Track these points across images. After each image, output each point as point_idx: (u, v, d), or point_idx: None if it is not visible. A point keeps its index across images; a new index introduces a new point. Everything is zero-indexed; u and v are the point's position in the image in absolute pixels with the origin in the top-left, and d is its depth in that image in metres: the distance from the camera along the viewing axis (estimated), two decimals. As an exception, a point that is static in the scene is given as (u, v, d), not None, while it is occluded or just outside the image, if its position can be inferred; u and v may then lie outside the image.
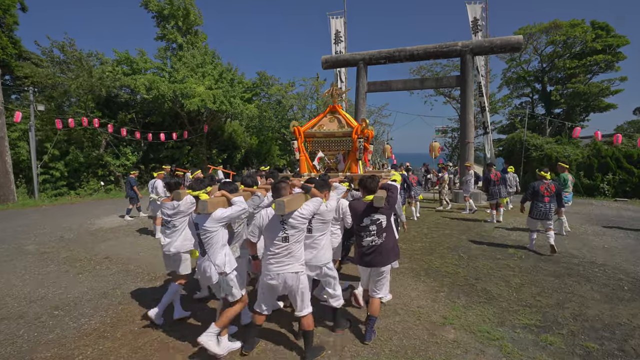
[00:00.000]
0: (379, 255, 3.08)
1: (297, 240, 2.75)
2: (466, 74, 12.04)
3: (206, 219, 2.72)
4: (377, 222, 3.07)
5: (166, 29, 18.21)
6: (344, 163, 6.59)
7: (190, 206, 3.37)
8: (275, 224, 2.72)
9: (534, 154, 14.46)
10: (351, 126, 6.40)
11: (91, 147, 16.48)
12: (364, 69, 13.38)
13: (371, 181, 3.13)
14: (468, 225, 8.29)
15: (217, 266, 2.72)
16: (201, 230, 2.74)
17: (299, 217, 2.69)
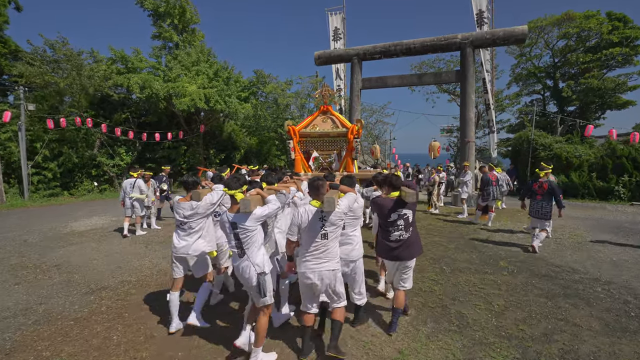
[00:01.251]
0: (406, 249, 3.22)
1: (335, 237, 2.80)
2: (466, 68, 11.24)
3: (245, 218, 2.66)
4: (405, 216, 3.20)
5: (162, 27, 17.96)
6: (338, 163, 6.55)
7: (209, 207, 3.30)
8: (315, 221, 2.74)
9: (542, 153, 13.48)
10: (345, 126, 6.41)
11: (85, 147, 16.34)
12: (359, 65, 12.73)
13: (396, 179, 3.28)
14: (461, 232, 7.56)
15: (256, 266, 2.69)
16: (240, 230, 2.68)
17: (338, 213, 2.73)
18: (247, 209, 2.61)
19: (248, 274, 2.68)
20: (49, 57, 14.06)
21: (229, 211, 2.79)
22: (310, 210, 2.75)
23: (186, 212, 3.28)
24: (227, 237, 2.78)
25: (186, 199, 3.37)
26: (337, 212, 2.71)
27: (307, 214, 2.75)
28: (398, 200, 3.18)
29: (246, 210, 2.62)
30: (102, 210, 11.50)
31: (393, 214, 3.19)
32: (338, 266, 2.83)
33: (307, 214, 2.75)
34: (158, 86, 15.31)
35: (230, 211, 2.78)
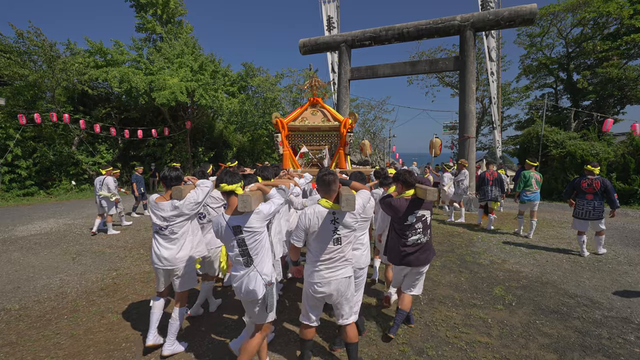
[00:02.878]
0: (422, 254, 2.98)
1: (349, 241, 2.48)
2: (466, 54, 9.93)
3: (248, 218, 2.30)
4: (423, 218, 2.95)
5: (145, 18, 17.04)
6: (329, 158, 6.12)
7: (194, 207, 2.85)
8: (327, 224, 2.38)
9: (554, 151, 12.06)
10: (337, 120, 6.04)
11: (63, 144, 15.53)
12: (347, 53, 11.53)
13: (409, 175, 2.97)
14: (453, 244, 6.31)
15: (264, 275, 2.36)
16: (247, 234, 2.30)
17: (353, 214, 2.41)
18: (248, 207, 2.22)
19: (254, 285, 2.31)
20: (17, 47, 13.23)
21: (226, 213, 2.36)
22: (320, 212, 2.37)
23: (166, 213, 2.80)
24: (227, 245, 2.36)
25: (165, 197, 2.87)
26: (351, 212, 2.38)
27: (317, 217, 2.36)
28: (414, 200, 2.90)
29: (246, 208, 2.22)
30: (67, 212, 10.64)
31: (410, 216, 2.89)
32: (352, 272, 2.53)
33: (315, 217, 2.36)
34: (137, 80, 14.38)
35: (228, 213, 2.36)
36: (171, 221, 2.81)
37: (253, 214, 2.30)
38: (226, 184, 2.35)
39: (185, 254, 2.89)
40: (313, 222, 2.37)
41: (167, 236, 2.84)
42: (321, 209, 2.38)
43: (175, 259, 2.84)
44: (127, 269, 5.10)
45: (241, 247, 2.31)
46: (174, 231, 2.83)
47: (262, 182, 2.94)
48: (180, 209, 2.79)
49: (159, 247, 2.84)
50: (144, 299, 4.02)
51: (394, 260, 3.06)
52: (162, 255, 2.83)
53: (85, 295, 4.16)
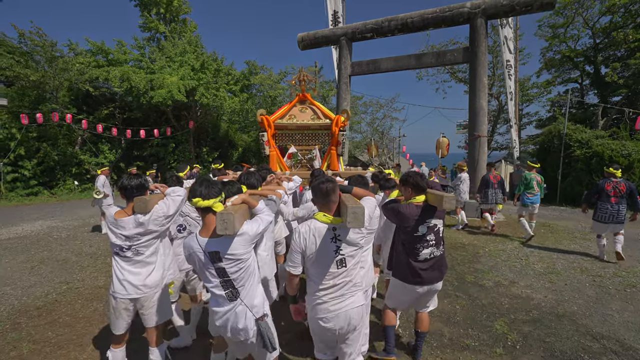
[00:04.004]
0: (437, 270, 2.55)
1: (357, 260, 2.00)
2: (476, 45, 8.99)
3: (231, 242, 1.84)
4: (435, 229, 2.53)
5: (148, 17, 16.89)
6: (320, 159, 5.73)
7: (163, 221, 2.32)
8: (326, 244, 1.92)
9: (578, 152, 10.85)
10: (329, 117, 5.66)
11: (67, 144, 15.57)
12: (347, 47, 10.78)
13: (420, 178, 2.52)
14: (454, 258, 5.48)
15: (255, 309, 1.94)
16: (228, 262, 1.85)
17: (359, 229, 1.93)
18: (231, 229, 1.76)
19: (243, 323, 1.90)
20: (19, 48, 13.26)
21: (201, 234, 1.91)
22: (317, 229, 1.95)
23: (129, 230, 2.26)
24: (202, 275, 1.94)
25: (127, 212, 2.32)
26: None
27: (313, 235, 1.94)
28: (426, 208, 2.50)
29: (228, 231, 1.76)
30: (60, 213, 10.47)
31: (421, 226, 2.49)
32: (365, 298, 2.08)
33: (312, 235, 1.94)
34: (137, 79, 14.18)
35: (203, 235, 1.91)
36: (135, 240, 2.27)
37: (237, 236, 1.86)
38: (201, 199, 1.86)
39: (156, 279, 2.37)
40: (310, 243, 1.93)
41: (131, 258, 2.31)
42: (319, 225, 1.95)
43: (143, 285, 2.30)
44: (79, 282, 4.61)
45: (222, 278, 1.88)
46: (140, 252, 2.31)
47: (248, 192, 2.45)
48: (146, 225, 2.26)
49: (122, 272, 2.30)
50: (75, 322, 3.48)
51: (405, 278, 2.59)
52: (127, 281, 2.28)
53: (17, 315, 3.67)
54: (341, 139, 5.56)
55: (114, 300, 2.30)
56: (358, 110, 18.34)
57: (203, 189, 1.87)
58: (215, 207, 1.88)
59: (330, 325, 1.96)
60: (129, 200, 2.32)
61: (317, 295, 1.98)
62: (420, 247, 2.50)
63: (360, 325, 2.04)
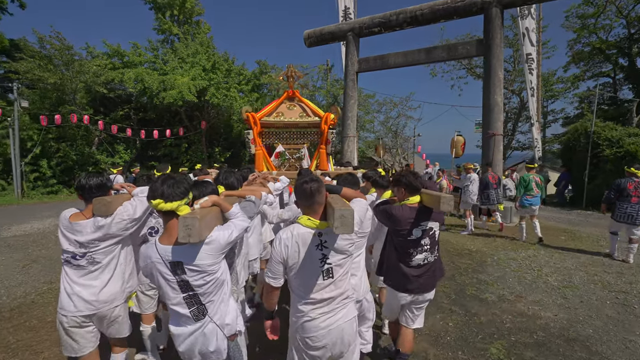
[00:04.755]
0: (430, 277, 2.36)
1: (346, 270, 1.80)
2: (491, 37, 8.37)
3: (196, 252, 1.57)
4: (431, 232, 2.33)
5: (162, 20, 17.22)
6: (309, 159, 5.60)
7: (128, 224, 2.07)
8: (311, 252, 1.69)
9: (608, 151, 9.91)
10: (318, 115, 5.51)
11: (85, 145, 16.12)
12: (354, 43, 10.41)
13: (415, 177, 2.33)
14: (458, 267, 5.02)
15: (227, 326, 1.69)
16: (192, 275, 1.58)
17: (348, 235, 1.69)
18: (195, 236, 1.48)
19: (215, 345, 1.65)
20: (39, 52, 13.81)
21: (162, 242, 1.62)
22: (300, 235, 1.71)
23: (86, 236, 1.98)
24: (163, 290, 1.65)
25: (85, 214, 2.05)
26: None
27: (296, 242, 1.70)
28: (421, 210, 2.31)
29: (191, 238, 1.48)
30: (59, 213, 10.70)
31: (415, 229, 2.29)
32: (356, 310, 1.93)
33: (294, 242, 1.70)
34: (150, 80, 14.45)
35: (164, 242, 1.62)
36: (92, 247, 2.01)
37: (203, 244, 1.59)
38: (162, 200, 1.57)
39: (113, 292, 2.10)
40: (292, 251, 1.70)
41: (85, 267, 2.03)
42: (302, 231, 1.72)
43: (96, 300, 2.03)
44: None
45: (186, 292, 1.61)
46: (96, 260, 2.05)
47: (223, 193, 2.23)
48: (107, 229, 2.01)
49: (72, 285, 2.01)
50: (41, 327, 3.36)
51: (396, 284, 2.41)
52: (77, 295, 2.00)
53: (-10, 316, 3.60)
54: (331, 137, 5.35)
55: (63, 318, 2.00)
56: (370, 108, 17.85)
57: (165, 189, 1.59)
58: (179, 210, 1.61)
59: (322, 343, 1.74)
60: (88, 202, 2.06)
61: (302, 311, 1.75)
62: (413, 252, 2.31)
63: (354, 341, 1.86)
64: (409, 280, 2.31)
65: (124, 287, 2.18)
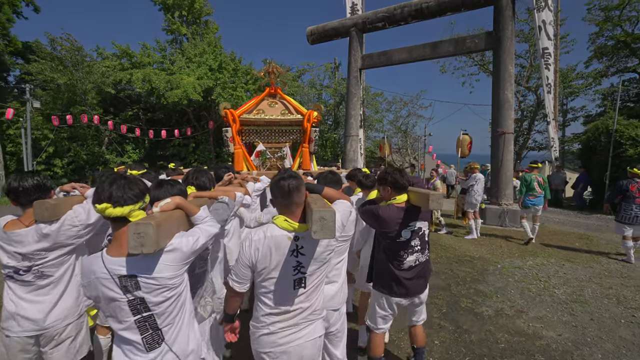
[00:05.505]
0: (422, 279, 2.30)
1: (320, 281, 1.65)
2: (501, 29, 7.87)
3: (154, 262, 1.32)
4: (420, 232, 2.24)
5: (171, 20, 17.37)
6: (291, 158, 5.44)
7: (81, 231, 1.82)
8: (284, 258, 1.52)
9: (631, 151, 9.17)
10: (300, 113, 5.41)
11: (95, 144, 16.46)
12: (357, 38, 10.08)
13: (400, 175, 2.19)
14: (455, 274, 4.62)
15: (189, 357, 1.43)
16: (149, 290, 1.31)
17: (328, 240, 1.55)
18: (149, 246, 1.23)
19: None
20: (51, 53, 14.16)
21: (110, 253, 1.34)
22: (274, 238, 1.52)
23: (27, 246, 1.71)
24: (108, 312, 1.36)
25: (22, 221, 1.75)
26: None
27: (268, 246, 1.51)
28: (409, 209, 2.18)
29: (144, 249, 1.22)
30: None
31: (404, 230, 2.16)
32: (324, 328, 1.73)
33: (267, 246, 1.51)
34: (157, 80, 14.59)
35: (113, 253, 1.34)
36: (38, 259, 1.75)
37: (163, 253, 1.35)
38: (110, 205, 1.33)
39: (66, 308, 1.87)
40: (262, 255, 1.52)
41: (31, 283, 1.77)
42: (277, 233, 1.54)
43: (45, 319, 1.79)
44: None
45: (139, 314, 1.34)
46: (46, 274, 1.79)
47: (193, 194, 2.03)
48: (55, 236, 1.75)
49: (16, 302, 1.77)
50: None
51: (389, 289, 2.27)
52: (20, 315, 1.76)
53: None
54: (314, 135, 5.16)
55: (6, 339, 1.76)
56: (379, 107, 17.41)
57: (115, 191, 1.34)
58: (132, 216, 1.36)
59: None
60: (26, 207, 1.79)
61: (263, 321, 1.58)
62: (404, 254, 2.21)
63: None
64: (403, 284, 2.22)
65: (79, 302, 1.94)
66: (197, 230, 1.52)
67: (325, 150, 18.01)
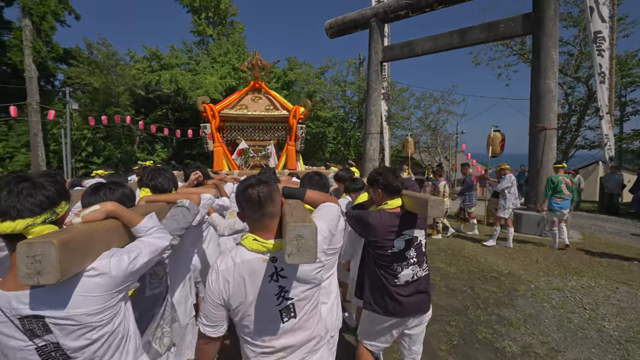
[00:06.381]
0: (423, 293, 1.97)
1: (314, 303, 1.35)
2: (542, 9, 6.85)
3: (67, 294, 0.98)
4: (416, 242, 1.96)
5: (198, 21, 17.77)
6: (276, 157, 5.18)
7: None
8: (262, 285, 1.22)
9: None
10: (286, 108, 5.16)
11: (128, 143, 17.28)
12: (378, 29, 9.44)
13: (394, 177, 1.93)
14: (476, 294, 3.93)
15: None
16: (65, 335, 1.00)
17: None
18: (49, 274, 0.89)
19: None
20: (88, 58, 15.01)
21: (3, 287, 0.99)
22: (246, 263, 1.22)
23: None
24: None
25: None
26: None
27: (240, 275, 1.21)
28: (404, 216, 1.92)
29: (42, 278, 0.89)
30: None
31: (397, 240, 1.89)
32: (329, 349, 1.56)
33: (238, 275, 1.21)
34: (183, 80, 14.97)
35: (9, 287, 0.98)
36: None
37: (80, 280, 1.02)
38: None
39: None
40: (235, 287, 1.23)
41: None
42: (248, 257, 1.25)
43: None
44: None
45: None
46: None
47: (145, 198, 1.80)
48: None
49: None
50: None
51: (382, 308, 1.95)
52: None
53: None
54: (300, 132, 4.90)
55: None
56: (406, 104, 16.50)
57: (8, 199, 1.00)
58: (30, 232, 1.01)
59: None
60: None
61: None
62: (398, 268, 1.93)
63: None
64: (398, 302, 1.91)
65: None
66: (137, 245, 1.22)
67: (349, 149, 17.44)
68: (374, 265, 2.01)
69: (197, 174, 2.73)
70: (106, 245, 1.14)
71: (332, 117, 16.43)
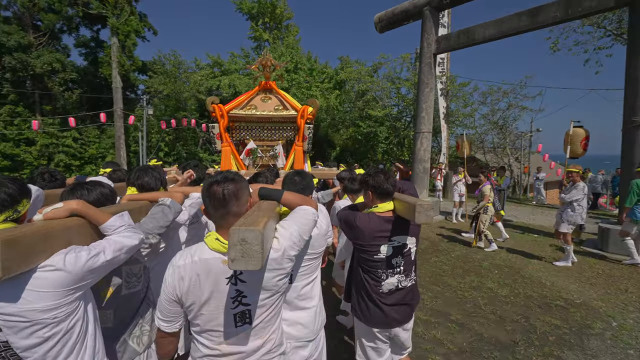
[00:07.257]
0: (406, 305, 1.91)
1: (274, 314, 1.30)
2: (645, -28, 5.46)
3: (17, 290, 0.99)
4: (404, 250, 1.87)
5: (255, 27, 18.67)
6: (284, 157, 5.11)
7: None
8: (219, 288, 1.20)
9: None
10: (295, 109, 5.11)
11: (192, 144, 18.98)
12: (431, 18, 8.63)
13: (384, 179, 1.86)
14: (531, 329, 3.21)
15: None
16: (14, 333, 1.00)
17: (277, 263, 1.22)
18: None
19: None
20: (160, 68, 16.84)
21: None
22: (204, 263, 1.21)
23: None
24: None
25: None
26: (275, 259, 1.21)
27: (196, 274, 1.20)
28: (396, 221, 1.83)
29: None
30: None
31: (384, 245, 1.82)
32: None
33: (194, 274, 1.20)
34: (240, 84, 15.86)
35: None
36: None
37: (33, 276, 1.00)
38: None
39: None
40: (190, 285, 1.19)
41: None
42: (207, 256, 1.21)
43: None
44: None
45: None
46: None
47: (127, 197, 1.84)
48: None
49: None
50: None
51: (365, 316, 1.92)
52: None
53: None
54: (307, 133, 4.79)
55: None
56: (468, 100, 14.99)
57: None
58: None
59: None
60: None
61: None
62: (382, 274, 1.87)
63: None
64: (381, 310, 1.85)
65: None
66: (101, 243, 1.21)
67: (402, 149, 16.54)
68: (359, 269, 1.95)
69: (189, 172, 2.68)
70: (65, 243, 1.12)
71: (384, 116, 15.75)
